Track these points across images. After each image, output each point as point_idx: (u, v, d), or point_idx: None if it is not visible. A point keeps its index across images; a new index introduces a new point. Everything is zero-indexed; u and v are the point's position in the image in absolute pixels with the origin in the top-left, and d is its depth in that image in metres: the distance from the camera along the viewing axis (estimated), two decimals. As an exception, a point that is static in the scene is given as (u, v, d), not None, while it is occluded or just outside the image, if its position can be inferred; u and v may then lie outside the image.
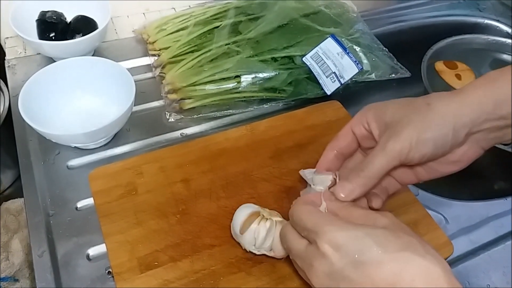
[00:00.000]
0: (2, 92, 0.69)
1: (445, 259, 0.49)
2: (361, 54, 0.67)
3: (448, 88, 0.79)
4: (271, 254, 0.45)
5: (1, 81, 0.69)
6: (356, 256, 0.33)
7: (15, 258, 0.60)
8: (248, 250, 0.46)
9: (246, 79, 0.63)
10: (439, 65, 0.82)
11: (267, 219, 0.45)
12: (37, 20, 0.65)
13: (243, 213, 0.46)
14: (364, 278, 0.32)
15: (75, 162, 0.56)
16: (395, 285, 0.31)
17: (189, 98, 0.62)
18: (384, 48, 0.70)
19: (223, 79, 0.63)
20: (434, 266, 0.31)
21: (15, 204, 0.66)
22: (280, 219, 0.45)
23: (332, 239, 0.34)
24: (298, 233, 0.38)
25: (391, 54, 0.70)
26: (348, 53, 0.64)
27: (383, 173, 0.41)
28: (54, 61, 0.66)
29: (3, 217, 0.63)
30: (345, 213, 0.39)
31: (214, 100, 0.63)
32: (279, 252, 0.44)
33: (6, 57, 0.68)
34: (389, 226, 0.35)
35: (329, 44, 0.64)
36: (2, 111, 0.67)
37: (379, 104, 0.44)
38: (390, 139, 0.40)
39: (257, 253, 0.45)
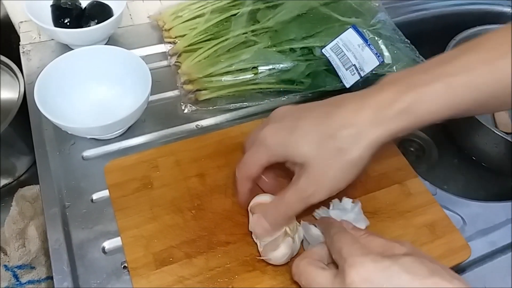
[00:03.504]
0: (18, 79, 0.68)
1: (462, 262, 0.49)
2: (382, 46, 0.65)
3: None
4: (270, 261, 0.46)
5: (17, 67, 0.69)
6: (386, 285, 0.33)
7: (32, 245, 0.61)
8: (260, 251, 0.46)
9: (263, 70, 0.62)
10: None
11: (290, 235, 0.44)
12: (51, 6, 0.64)
13: None
14: None
15: (90, 152, 0.56)
16: None
17: (205, 89, 0.61)
18: (406, 40, 0.68)
19: (240, 70, 0.61)
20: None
21: (30, 191, 0.67)
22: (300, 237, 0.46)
23: (362, 272, 0.34)
24: (322, 263, 0.39)
25: (413, 46, 0.68)
26: (369, 45, 0.62)
27: (298, 213, 0.42)
28: (69, 47, 0.66)
29: (19, 204, 0.63)
30: (364, 242, 0.38)
31: (230, 92, 0.62)
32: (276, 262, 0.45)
33: (21, 42, 0.67)
34: (411, 254, 0.35)
35: (350, 35, 0.62)
36: (18, 98, 0.67)
37: (283, 138, 0.42)
38: (310, 185, 0.41)
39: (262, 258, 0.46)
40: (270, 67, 0.62)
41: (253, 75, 0.61)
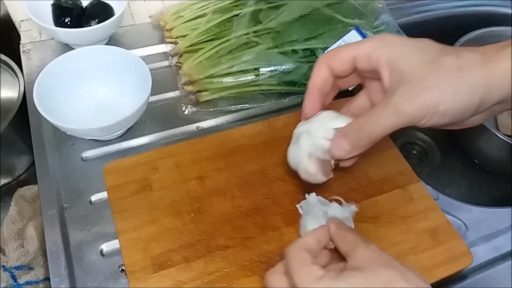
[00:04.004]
0: (18, 78, 0.68)
1: (464, 269, 0.48)
2: (385, 48, 0.64)
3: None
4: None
5: (17, 66, 0.68)
6: None
7: (30, 246, 0.60)
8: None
9: (264, 72, 0.61)
10: None
11: None
12: (52, 5, 0.63)
13: None
14: None
15: (89, 153, 0.56)
16: None
17: (206, 91, 0.61)
18: (410, 42, 0.67)
19: (241, 71, 0.61)
20: None
21: (30, 191, 0.67)
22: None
23: None
24: (310, 259, 0.38)
25: (417, 49, 0.67)
26: (372, 47, 0.61)
27: (387, 134, 0.37)
28: (69, 47, 0.65)
29: (18, 204, 0.63)
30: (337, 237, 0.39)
31: (231, 93, 0.61)
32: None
33: (21, 41, 0.67)
34: (368, 263, 0.35)
35: (352, 37, 0.62)
36: (18, 97, 0.66)
37: (396, 45, 0.38)
38: (406, 100, 0.35)
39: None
40: (272, 68, 0.61)
41: (254, 76, 0.61)
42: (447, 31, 0.79)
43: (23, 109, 0.61)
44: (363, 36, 0.61)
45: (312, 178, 0.45)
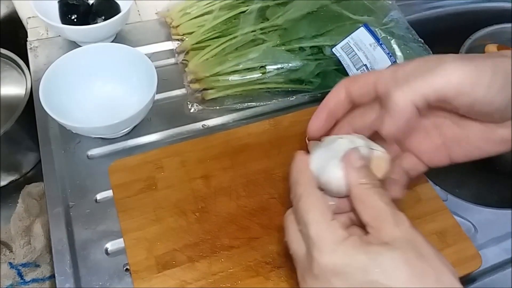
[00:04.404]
0: (24, 75, 0.68)
1: (473, 272, 0.48)
2: (395, 45, 0.63)
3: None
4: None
5: (24, 63, 0.68)
6: (358, 285, 0.29)
7: (37, 243, 0.61)
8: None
9: (271, 69, 0.60)
10: (491, 48, 0.76)
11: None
12: (59, 2, 0.63)
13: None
14: None
15: (95, 151, 0.56)
16: None
17: (212, 88, 0.60)
18: (420, 39, 0.66)
19: (248, 69, 0.60)
20: None
21: (37, 188, 0.67)
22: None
23: (331, 262, 0.30)
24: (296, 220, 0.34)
25: (427, 46, 0.66)
26: (381, 44, 0.60)
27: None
28: (76, 44, 0.65)
29: (25, 201, 0.63)
30: (359, 204, 0.32)
31: (238, 91, 0.60)
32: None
33: (29, 39, 0.67)
34: (399, 243, 0.30)
35: (361, 34, 0.61)
36: (25, 94, 0.66)
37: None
38: (430, 71, 0.32)
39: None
40: (279, 66, 0.60)
41: (261, 74, 0.60)
42: (459, 27, 0.77)
43: (30, 107, 0.61)
44: (372, 33, 0.60)
45: (337, 188, 0.36)
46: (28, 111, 0.64)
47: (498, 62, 0.33)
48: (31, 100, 0.63)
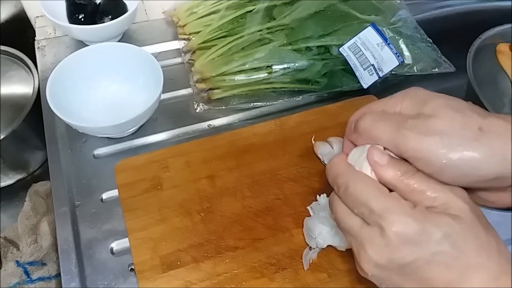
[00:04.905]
0: (32, 74, 0.68)
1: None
2: (402, 45, 0.63)
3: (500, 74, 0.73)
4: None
5: (32, 62, 0.69)
6: (427, 256, 0.29)
7: (44, 241, 0.61)
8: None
9: (277, 69, 0.60)
10: (503, 46, 0.75)
11: None
12: (66, 1, 0.64)
13: None
14: (429, 277, 0.29)
15: (101, 151, 0.56)
16: None
17: (218, 88, 0.60)
18: (428, 39, 0.65)
19: (254, 69, 0.60)
20: (506, 277, 0.28)
21: (44, 186, 0.67)
22: None
23: (403, 231, 0.30)
24: (349, 208, 0.34)
25: (435, 46, 0.65)
26: (388, 44, 0.60)
27: None
28: (84, 43, 0.65)
29: (32, 199, 0.64)
30: (404, 185, 0.32)
31: (244, 91, 0.60)
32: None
33: (36, 38, 0.67)
34: (465, 215, 0.30)
35: (368, 34, 0.60)
36: (32, 93, 0.67)
37: (422, 95, 0.35)
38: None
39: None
40: (285, 66, 0.60)
41: (267, 74, 0.60)
42: (468, 27, 0.76)
43: (37, 105, 0.62)
44: (379, 32, 0.60)
45: None
46: (36, 110, 0.64)
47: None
48: (38, 99, 0.63)
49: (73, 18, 0.64)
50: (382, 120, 0.34)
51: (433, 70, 0.63)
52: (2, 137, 0.64)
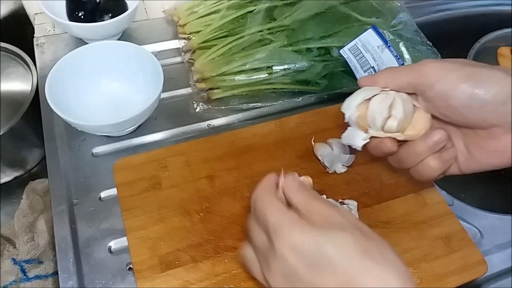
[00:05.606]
0: (31, 71, 0.68)
1: (478, 278, 0.47)
2: (403, 48, 0.63)
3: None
4: (401, 137, 0.41)
5: (30, 59, 0.68)
6: (313, 259, 0.32)
7: (40, 239, 0.61)
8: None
9: (278, 70, 0.60)
10: (504, 50, 0.75)
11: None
12: (66, -2, 0.63)
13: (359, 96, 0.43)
14: (318, 281, 0.32)
15: (100, 149, 0.55)
16: None
17: (218, 88, 0.60)
18: (428, 42, 0.66)
19: (254, 69, 0.60)
20: (391, 276, 0.31)
21: (41, 184, 0.67)
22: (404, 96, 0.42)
23: (291, 241, 0.33)
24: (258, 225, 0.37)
25: (435, 49, 0.65)
26: (389, 46, 0.60)
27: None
28: (83, 41, 0.65)
29: (29, 197, 0.63)
30: (305, 206, 0.36)
31: (243, 91, 0.60)
32: (412, 130, 0.41)
33: (35, 35, 0.67)
34: (347, 227, 0.34)
35: (369, 36, 0.60)
36: (31, 90, 0.66)
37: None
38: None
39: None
40: (285, 67, 0.60)
41: (267, 74, 0.60)
42: (468, 31, 0.77)
43: (35, 103, 0.61)
44: (380, 35, 0.60)
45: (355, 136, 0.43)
46: (34, 107, 0.64)
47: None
48: (37, 96, 0.63)
49: (72, 15, 0.63)
50: None
51: (433, 73, 0.63)
52: (0, 134, 0.63)
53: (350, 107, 0.42)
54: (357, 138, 0.43)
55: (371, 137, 0.43)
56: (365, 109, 0.42)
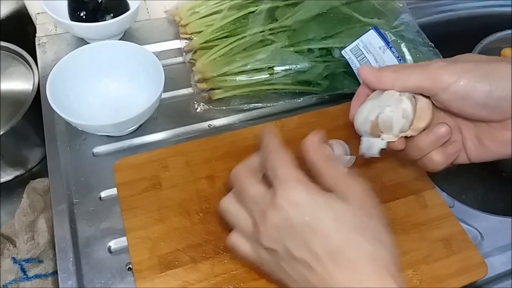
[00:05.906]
0: (32, 71, 0.68)
1: (478, 280, 0.47)
2: (404, 49, 0.63)
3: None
4: (410, 133, 0.41)
5: (32, 59, 0.69)
6: (308, 220, 0.33)
7: (40, 238, 0.61)
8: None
9: (279, 70, 0.60)
10: (507, 51, 0.75)
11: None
12: (68, -2, 0.63)
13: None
14: (308, 242, 0.33)
15: (100, 149, 0.55)
16: (335, 261, 0.32)
17: (219, 88, 0.60)
18: (430, 43, 0.65)
19: (255, 70, 0.60)
20: (382, 255, 0.32)
21: (42, 183, 0.67)
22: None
23: (292, 195, 0.34)
24: (259, 175, 0.39)
25: (437, 50, 0.65)
26: (391, 47, 0.60)
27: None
28: (85, 41, 0.65)
29: (30, 196, 0.63)
30: (322, 166, 0.37)
31: (245, 92, 0.60)
32: (418, 123, 0.41)
33: (37, 34, 0.67)
34: (353, 200, 0.35)
35: (371, 37, 0.60)
36: (32, 90, 0.67)
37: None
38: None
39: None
40: (287, 67, 0.60)
41: (268, 75, 0.60)
42: (470, 32, 0.76)
43: (37, 102, 0.61)
44: (382, 36, 0.60)
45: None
46: (35, 106, 0.64)
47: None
48: (38, 95, 0.63)
49: (74, 15, 0.63)
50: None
51: (435, 75, 0.63)
52: (1, 133, 0.63)
53: (367, 121, 0.43)
54: (374, 147, 0.43)
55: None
56: (375, 116, 0.42)
